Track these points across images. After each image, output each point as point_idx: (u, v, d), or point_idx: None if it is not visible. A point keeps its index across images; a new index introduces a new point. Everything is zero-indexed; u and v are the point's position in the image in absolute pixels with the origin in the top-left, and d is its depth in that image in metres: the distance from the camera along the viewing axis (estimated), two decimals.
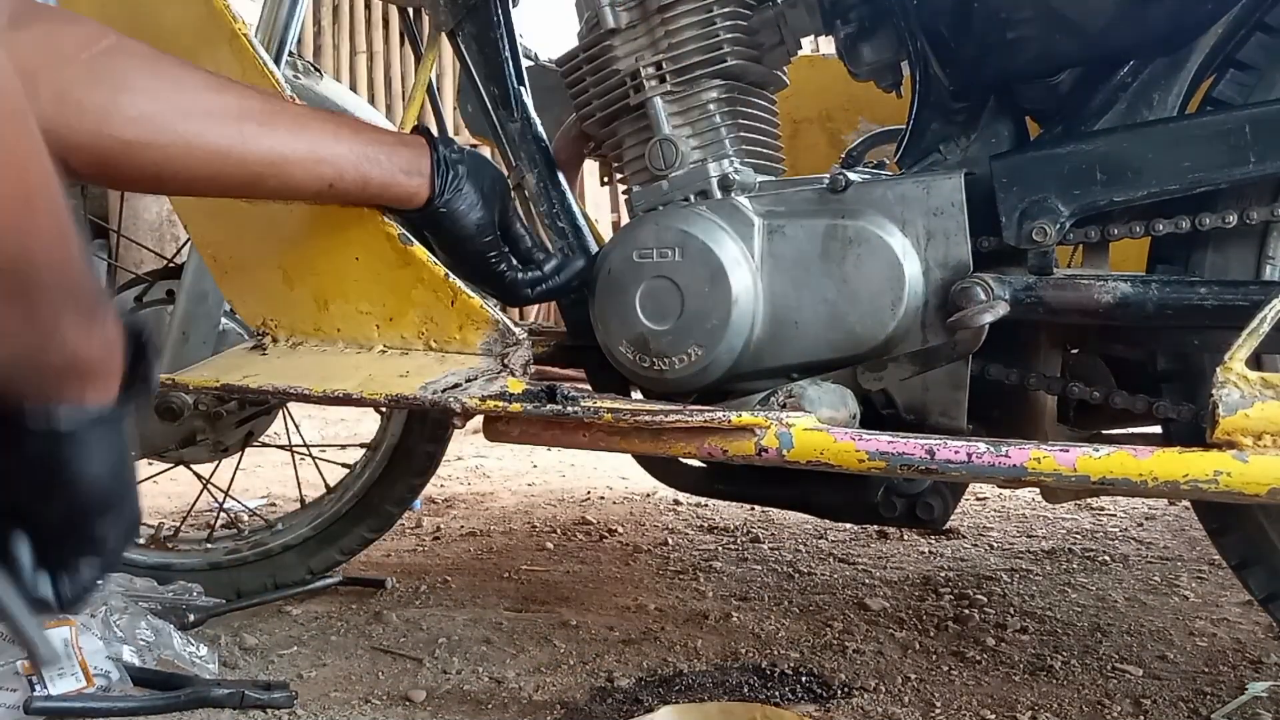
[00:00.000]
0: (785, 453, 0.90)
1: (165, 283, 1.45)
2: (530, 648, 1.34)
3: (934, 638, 1.38)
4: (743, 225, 1.03)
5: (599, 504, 2.36)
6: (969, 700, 1.16)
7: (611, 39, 1.10)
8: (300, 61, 1.54)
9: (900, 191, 0.99)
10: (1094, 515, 2.09)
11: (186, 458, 1.51)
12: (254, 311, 1.14)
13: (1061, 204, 0.93)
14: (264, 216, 1.10)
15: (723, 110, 1.09)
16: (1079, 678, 1.22)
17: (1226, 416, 0.79)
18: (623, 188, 1.16)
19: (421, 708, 1.16)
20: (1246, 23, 0.93)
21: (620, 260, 1.07)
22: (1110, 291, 0.92)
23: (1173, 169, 0.91)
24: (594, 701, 1.16)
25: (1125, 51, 0.98)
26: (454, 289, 1.04)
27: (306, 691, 1.21)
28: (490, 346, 1.04)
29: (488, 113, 1.20)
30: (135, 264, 2.64)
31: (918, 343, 0.98)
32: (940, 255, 0.97)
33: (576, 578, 1.71)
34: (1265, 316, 0.79)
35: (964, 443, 0.86)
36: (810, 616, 1.47)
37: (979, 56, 0.98)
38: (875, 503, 1.10)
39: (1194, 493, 0.80)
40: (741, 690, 1.19)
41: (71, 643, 1.12)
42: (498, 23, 1.18)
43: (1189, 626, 1.40)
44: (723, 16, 1.07)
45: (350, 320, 1.09)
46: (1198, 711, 1.12)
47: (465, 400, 0.97)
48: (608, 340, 1.09)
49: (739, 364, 1.03)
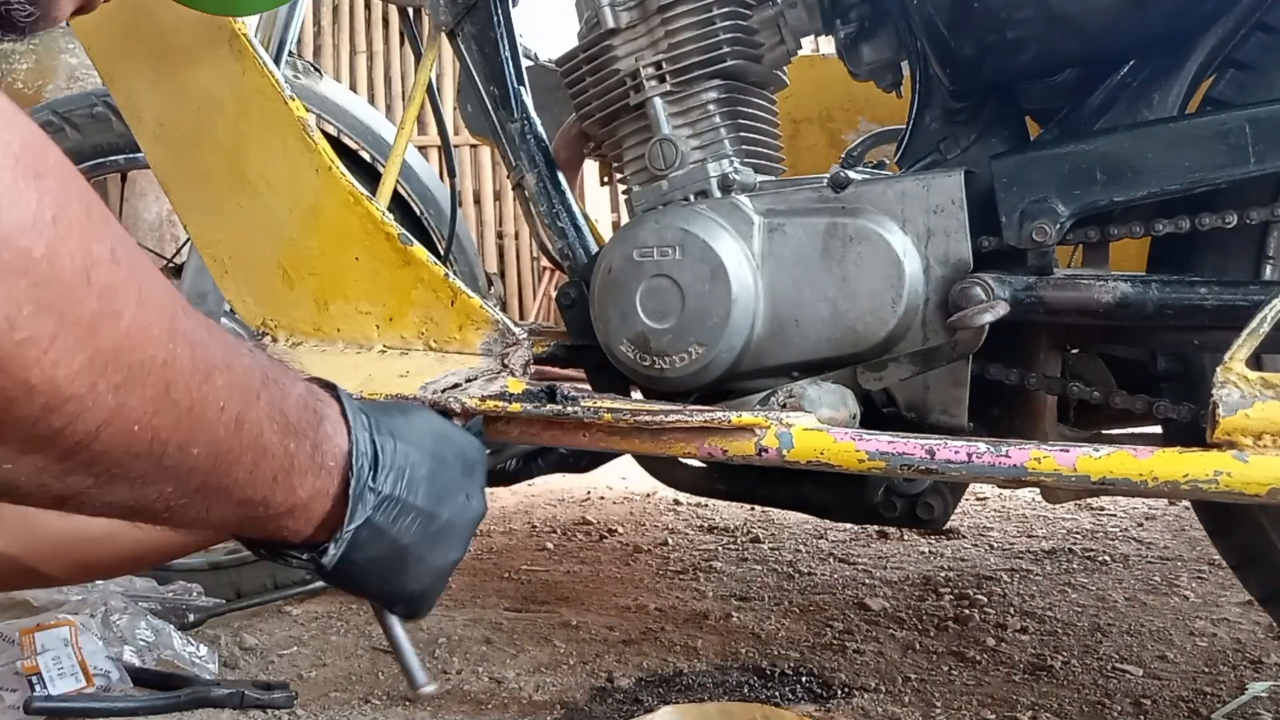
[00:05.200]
0: (785, 453, 0.89)
1: None
2: (530, 648, 1.34)
3: (934, 638, 1.37)
4: (743, 224, 1.03)
5: (599, 504, 2.36)
6: (969, 700, 1.16)
7: (611, 39, 1.10)
8: (300, 61, 1.54)
9: (900, 189, 0.99)
10: (1094, 515, 2.09)
11: None
12: (254, 311, 1.14)
13: (1061, 204, 0.93)
14: (264, 216, 1.10)
15: (722, 110, 1.09)
16: (1079, 678, 1.22)
17: (1226, 416, 0.79)
18: (623, 188, 1.16)
19: (421, 708, 1.16)
20: (1246, 23, 0.93)
21: (620, 259, 1.07)
22: (1110, 291, 0.92)
23: (1173, 169, 0.91)
24: (594, 701, 1.16)
25: (1125, 51, 0.98)
26: (454, 289, 1.04)
27: (306, 691, 1.21)
28: (490, 346, 1.04)
29: (488, 113, 1.20)
30: None
31: (918, 342, 0.98)
32: (941, 253, 0.97)
33: (576, 578, 1.70)
34: (1265, 316, 0.79)
35: (964, 443, 0.86)
36: (810, 616, 1.47)
37: (979, 56, 0.98)
38: (875, 503, 1.10)
39: (1194, 493, 0.80)
40: (741, 690, 1.19)
41: (71, 643, 1.12)
42: (498, 23, 1.18)
43: (1189, 626, 1.40)
44: (722, 16, 1.07)
45: (350, 320, 1.09)
46: (1198, 711, 1.12)
47: (465, 400, 0.97)
48: (608, 339, 1.09)
49: (740, 362, 1.03)
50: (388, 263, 1.06)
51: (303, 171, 1.07)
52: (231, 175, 1.10)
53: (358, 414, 0.64)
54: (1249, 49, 0.94)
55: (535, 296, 5.56)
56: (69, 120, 1.50)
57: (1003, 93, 1.04)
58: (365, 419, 0.64)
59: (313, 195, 1.07)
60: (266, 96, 1.07)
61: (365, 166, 1.55)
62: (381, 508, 0.63)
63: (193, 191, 1.14)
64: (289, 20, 1.29)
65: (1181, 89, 0.95)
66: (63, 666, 1.10)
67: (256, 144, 1.09)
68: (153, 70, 1.11)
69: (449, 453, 0.70)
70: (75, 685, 1.10)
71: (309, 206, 1.07)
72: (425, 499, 0.66)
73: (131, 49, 1.12)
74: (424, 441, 0.68)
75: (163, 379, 0.47)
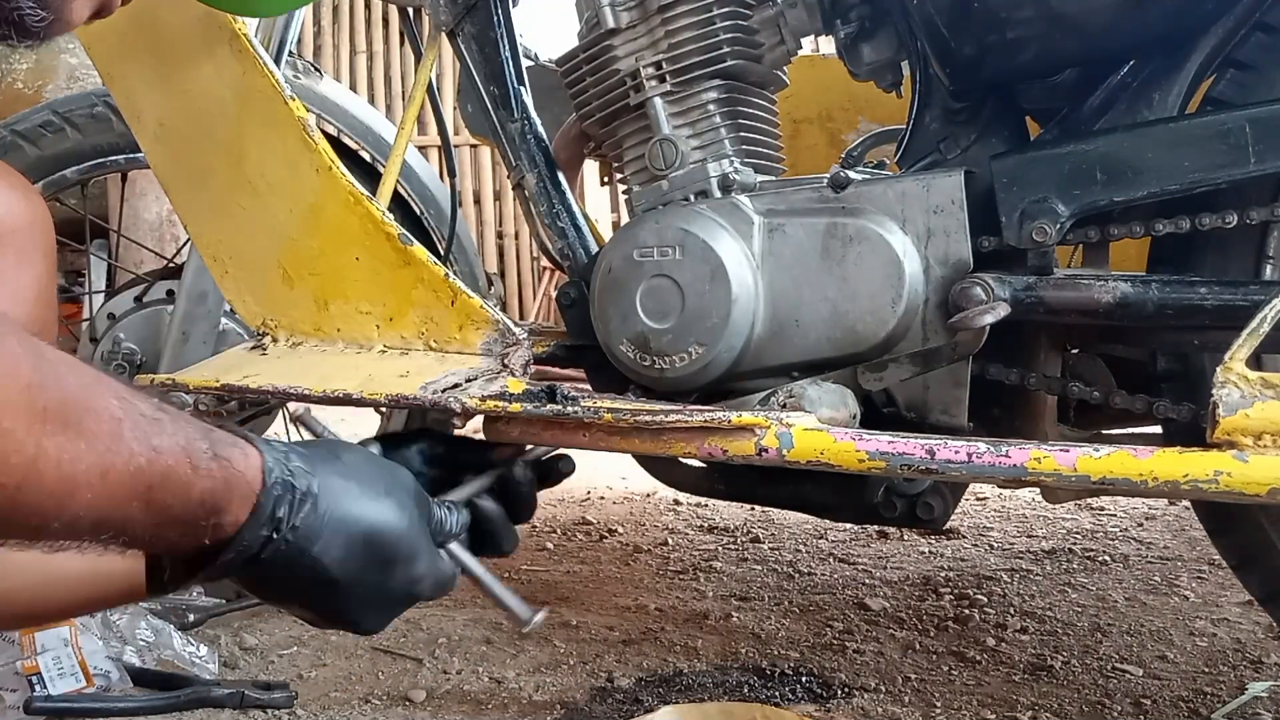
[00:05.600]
0: (785, 453, 0.89)
1: (165, 283, 1.45)
2: (530, 648, 1.34)
3: (934, 638, 1.37)
4: (743, 223, 1.03)
5: (599, 504, 2.36)
6: (969, 700, 1.16)
7: (611, 39, 1.10)
8: (300, 61, 1.54)
9: (900, 189, 0.99)
10: (1094, 515, 2.09)
11: None
12: (254, 311, 1.14)
13: (1061, 204, 0.93)
14: (264, 216, 1.10)
15: (722, 110, 1.09)
16: (1079, 678, 1.22)
17: (1226, 416, 0.79)
18: (623, 188, 1.16)
19: (421, 708, 1.16)
20: (1246, 23, 0.93)
21: (620, 259, 1.07)
22: (1110, 291, 0.92)
23: (1173, 169, 0.91)
24: (594, 701, 1.16)
25: (1125, 51, 0.98)
26: (454, 289, 1.04)
27: (306, 691, 1.21)
28: (490, 346, 1.04)
29: (488, 113, 1.20)
30: (135, 264, 2.64)
31: (918, 342, 0.98)
32: (941, 253, 0.97)
33: (576, 578, 1.70)
34: (1265, 316, 0.79)
35: (964, 443, 0.86)
36: (810, 616, 1.47)
37: (979, 56, 0.98)
38: (875, 503, 1.10)
39: (1194, 493, 0.80)
40: (741, 690, 1.19)
41: (71, 643, 1.12)
42: (498, 23, 1.18)
43: (1189, 626, 1.40)
44: (722, 16, 1.07)
45: (350, 320, 1.09)
46: (1198, 711, 1.12)
47: (465, 400, 0.97)
48: (608, 339, 1.09)
49: (740, 362, 1.03)
50: (388, 263, 1.06)
51: (303, 171, 1.07)
52: (232, 175, 1.10)
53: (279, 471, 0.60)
54: (1249, 49, 0.94)
55: (535, 296, 5.56)
56: (69, 120, 1.50)
57: (1003, 93, 1.04)
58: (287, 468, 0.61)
59: (313, 195, 1.07)
60: (267, 96, 1.07)
61: (365, 166, 1.55)
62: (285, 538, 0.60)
63: (193, 191, 1.14)
64: (289, 20, 1.29)
65: (1181, 89, 0.95)
66: (63, 666, 1.10)
67: (257, 144, 1.09)
68: (153, 70, 1.11)
69: (379, 485, 0.66)
70: (75, 685, 1.10)
71: (309, 206, 1.07)
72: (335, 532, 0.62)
73: (132, 49, 1.12)
74: (352, 475, 0.65)
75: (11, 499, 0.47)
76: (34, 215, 0.79)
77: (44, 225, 0.81)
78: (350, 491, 0.63)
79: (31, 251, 0.79)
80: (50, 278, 0.82)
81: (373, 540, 0.64)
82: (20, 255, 0.78)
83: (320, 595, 0.64)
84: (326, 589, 0.63)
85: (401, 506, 0.66)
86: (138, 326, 1.44)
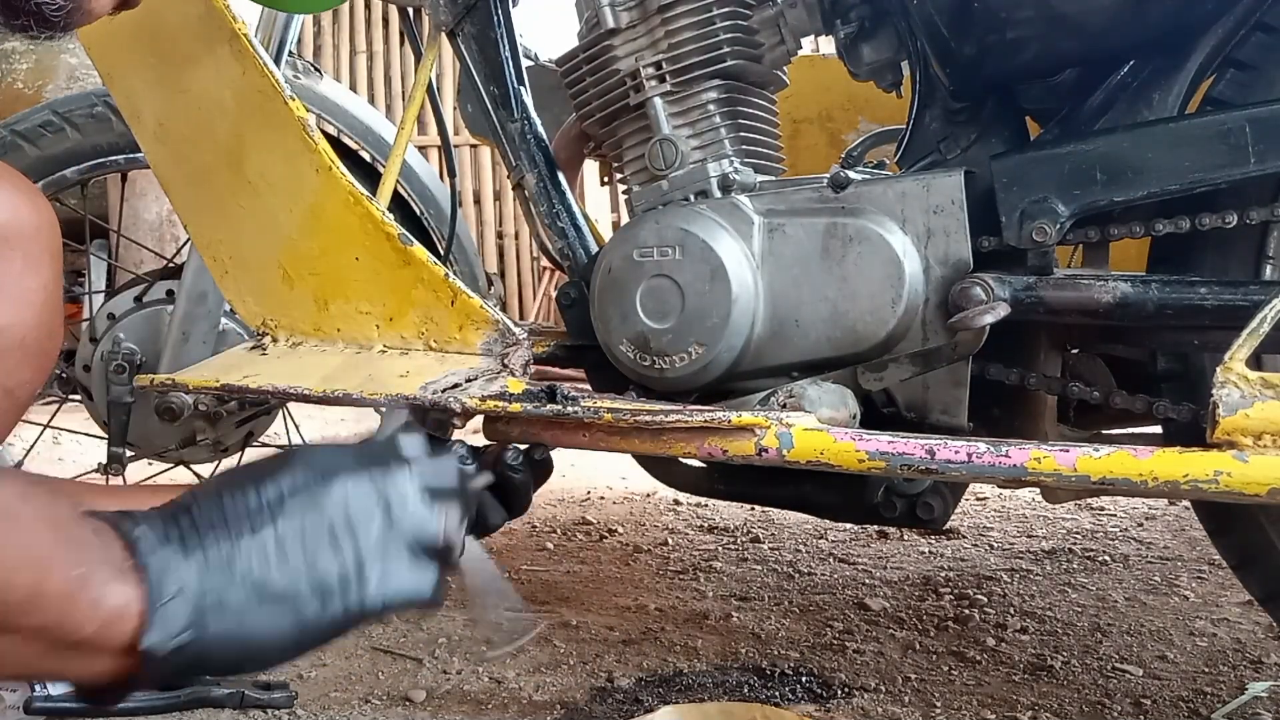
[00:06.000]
0: (785, 453, 0.89)
1: (165, 283, 1.45)
2: (530, 648, 1.34)
3: (934, 638, 1.37)
4: (743, 223, 1.03)
5: (599, 504, 2.36)
6: (969, 700, 1.16)
7: (611, 39, 1.10)
8: (300, 61, 1.54)
9: (900, 189, 0.99)
10: (1094, 515, 2.09)
11: (186, 458, 1.51)
12: (254, 311, 1.14)
13: (1061, 204, 0.93)
14: (264, 216, 1.10)
15: (722, 110, 1.09)
16: (1079, 678, 1.22)
17: (1226, 416, 0.79)
18: (623, 188, 1.16)
19: (421, 708, 1.16)
20: (1246, 23, 0.93)
21: (620, 259, 1.07)
22: (1110, 291, 0.92)
23: (1173, 169, 0.91)
24: (594, 701, 1.16)
25: (1125, 51, 0.98)
26: (454, 289, 1.04)
27: (306, 691, 1.21)
28: (490, 346, 1.04)
29: (488, 113, 1.20)
30: (135, 264, 2.64)
31: (918, 342, 0.98)
32: (940, 253, 0.97)
33: (576, 578, 1.70)
34: (1265, 316, 0.79)
35: (964, 443, 0.86)
36: (810, 616, 1.47)
37: (979, 56, 0.98)
38: (875, 503, 1.10)
39: (1194, 493, 0.80)
40: (741, 690, 1.19)
41: None
42: (498, 23, 1.18)
43: (1189, 626, 1.40)
44: (722, 16, 1.07)
45: (350, 320, 1.09)
46: (1198, 711, 1.12)
47: (465, 400, 0.97)
48: (608, 339, 1.09)
49: (740, 362, 1.03)
50: (388, 263, 1.06)
51: (303, 171, 1.07)
52: (232, 175, 1.10)
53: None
54: (1249, 49, 0.94)
55: (535, 296, 5.57)
56: (69, 120, 1.50)
57: (1003, 93, 1.04)
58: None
59: (313, 195, 1.07)
60: (267, 96, 1.07)
61: (365, 166, 1.55)
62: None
63: (193, 191, 1.14)
64: (289, 20, 1.29)
65: (1181, 89, 0.95)
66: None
67: (257, 144, 1.09)
68: (153, 70, 1.11)
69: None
70: None
71: (309, 206, 1.07)
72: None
73: (131, 49, 1.12)
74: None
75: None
76: (41, 220, 0.79)
77: (51, 230, 0.81)
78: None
79: (39, 256, 0.78)
80: (57, 282, 0.81)
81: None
82: (28, 260, 0.77)
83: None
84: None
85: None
86: (138, 326, 1.44)
